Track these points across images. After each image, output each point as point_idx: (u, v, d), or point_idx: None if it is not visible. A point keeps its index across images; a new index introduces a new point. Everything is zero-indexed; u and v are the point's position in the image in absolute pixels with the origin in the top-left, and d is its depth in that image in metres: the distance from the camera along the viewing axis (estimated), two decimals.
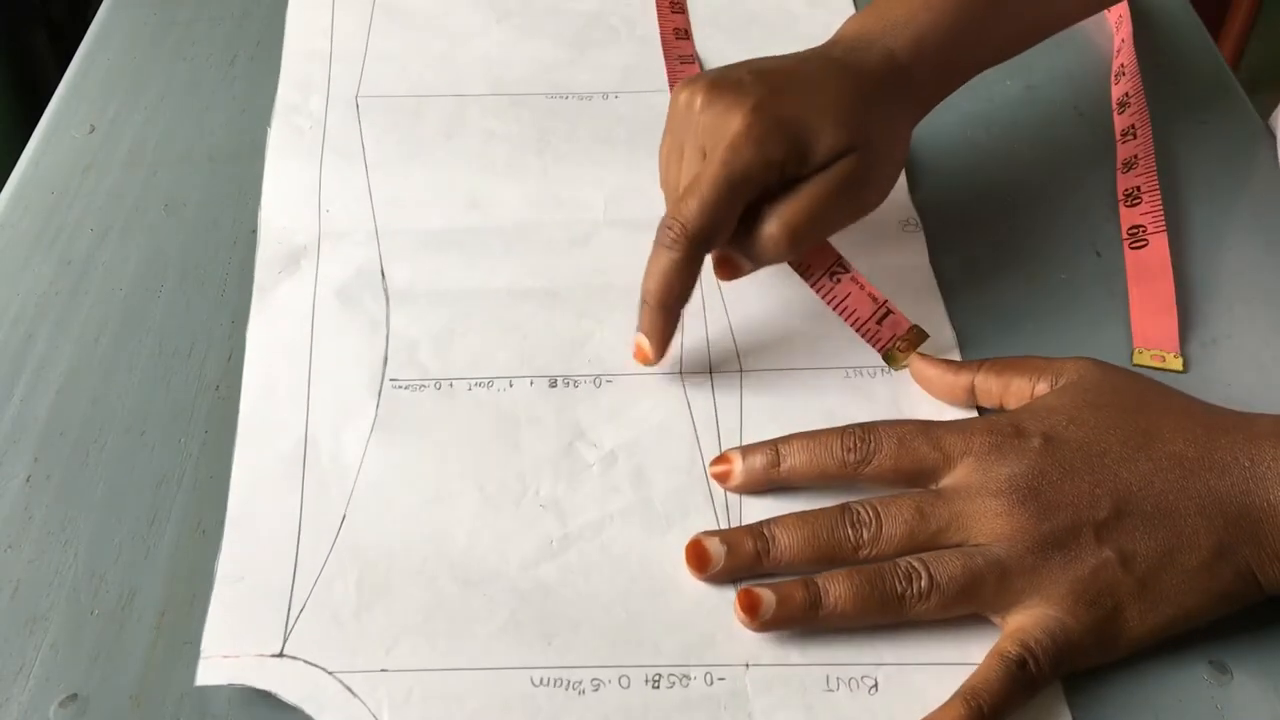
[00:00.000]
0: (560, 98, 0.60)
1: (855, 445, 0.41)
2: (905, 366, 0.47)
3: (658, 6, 0.66)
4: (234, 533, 0.42)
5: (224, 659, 0.38)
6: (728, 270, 0.46)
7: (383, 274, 0.51)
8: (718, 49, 0.63)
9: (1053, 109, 0.60)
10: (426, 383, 0.47)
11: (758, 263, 0.45)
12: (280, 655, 0.39)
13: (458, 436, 0.45)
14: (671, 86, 0.60)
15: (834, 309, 0.47)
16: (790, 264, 0.47)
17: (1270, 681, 0.38)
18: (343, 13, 0.66)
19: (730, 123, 0.43)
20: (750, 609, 0.38)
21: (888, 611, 0.38)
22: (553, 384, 0.47)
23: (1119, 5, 0.63)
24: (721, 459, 0.43)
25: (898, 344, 0.47)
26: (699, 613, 0.40)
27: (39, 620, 0.40)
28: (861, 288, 0.46)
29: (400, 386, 0.46)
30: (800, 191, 0.44)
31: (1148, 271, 0.50)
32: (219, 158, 0.57)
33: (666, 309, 0.45)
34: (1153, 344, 0.48)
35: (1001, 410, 0.44)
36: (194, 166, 0.56)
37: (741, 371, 0.47)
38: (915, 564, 0.38)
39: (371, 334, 0.48)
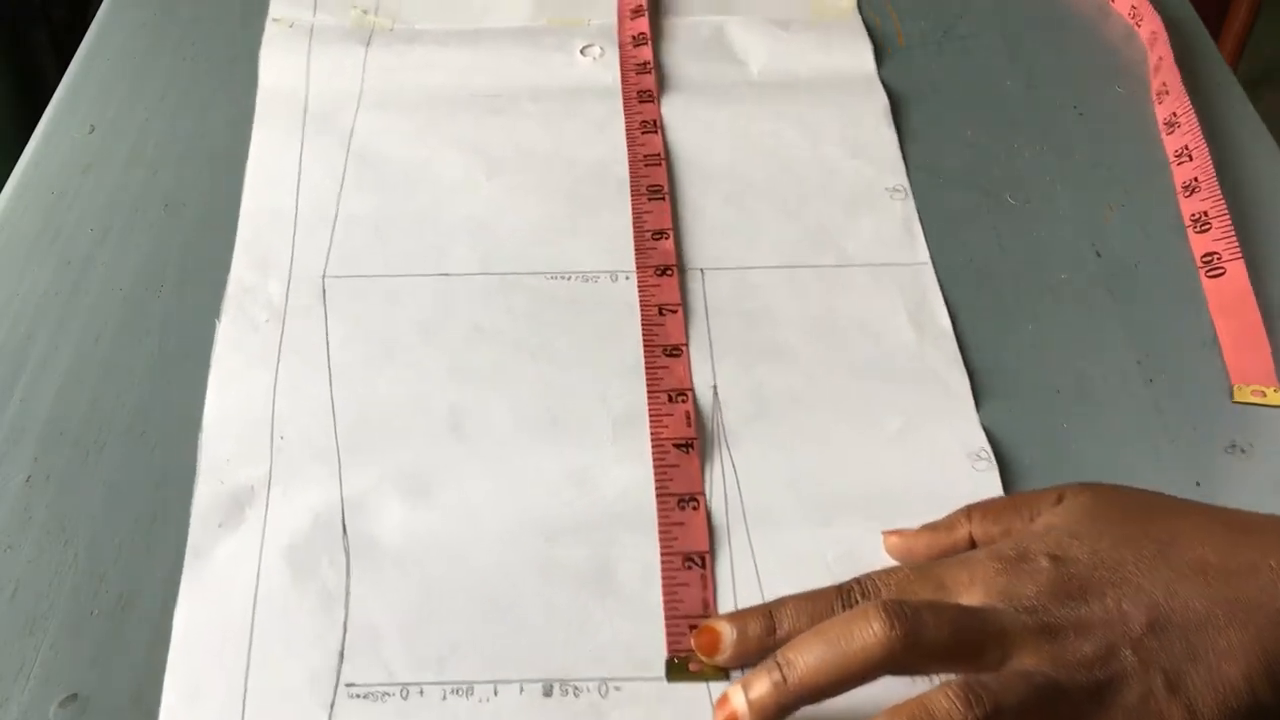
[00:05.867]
0: (561, 278, 0.51)
1: (855, 601, 0.37)
2: (678, 680, 0.38)
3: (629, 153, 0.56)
4: None
5: None
6: None
7: (344, 528, 0.42)
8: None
9: (1053, 109, 0.60)
10: (391, 689, 0.38)
11: None
12: None
13: None
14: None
15: (662, 585, 0.41)
16: (661, 532, 0.42)
17: None
18: (312, 162, 0.56)
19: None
20: None
21: None
22: (547, 691, 0.38)
23: (1152, 21, 0.62)
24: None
25: (694, 657, 0.39)
26: None
27: (39, 620, 0.40)
28: (704, 587, 0.41)
29: (358, 695, 0.38)
30: None
31: (1232, 301, 0.48)
32: (219, 158, 0.57)
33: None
34: (1251, 379, 0.45)
35: None
36: (194, 166, 0.56)
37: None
38: (977, 689, 0.32)
39: (327, 616, 0.40)
